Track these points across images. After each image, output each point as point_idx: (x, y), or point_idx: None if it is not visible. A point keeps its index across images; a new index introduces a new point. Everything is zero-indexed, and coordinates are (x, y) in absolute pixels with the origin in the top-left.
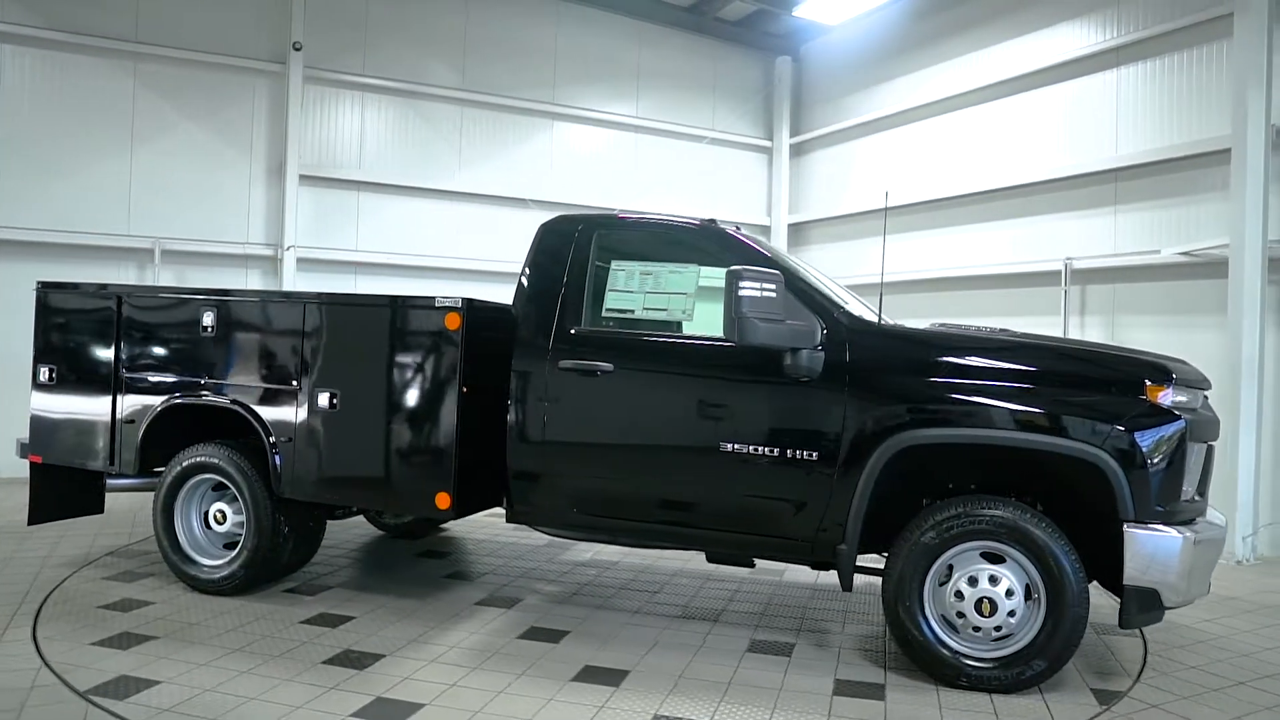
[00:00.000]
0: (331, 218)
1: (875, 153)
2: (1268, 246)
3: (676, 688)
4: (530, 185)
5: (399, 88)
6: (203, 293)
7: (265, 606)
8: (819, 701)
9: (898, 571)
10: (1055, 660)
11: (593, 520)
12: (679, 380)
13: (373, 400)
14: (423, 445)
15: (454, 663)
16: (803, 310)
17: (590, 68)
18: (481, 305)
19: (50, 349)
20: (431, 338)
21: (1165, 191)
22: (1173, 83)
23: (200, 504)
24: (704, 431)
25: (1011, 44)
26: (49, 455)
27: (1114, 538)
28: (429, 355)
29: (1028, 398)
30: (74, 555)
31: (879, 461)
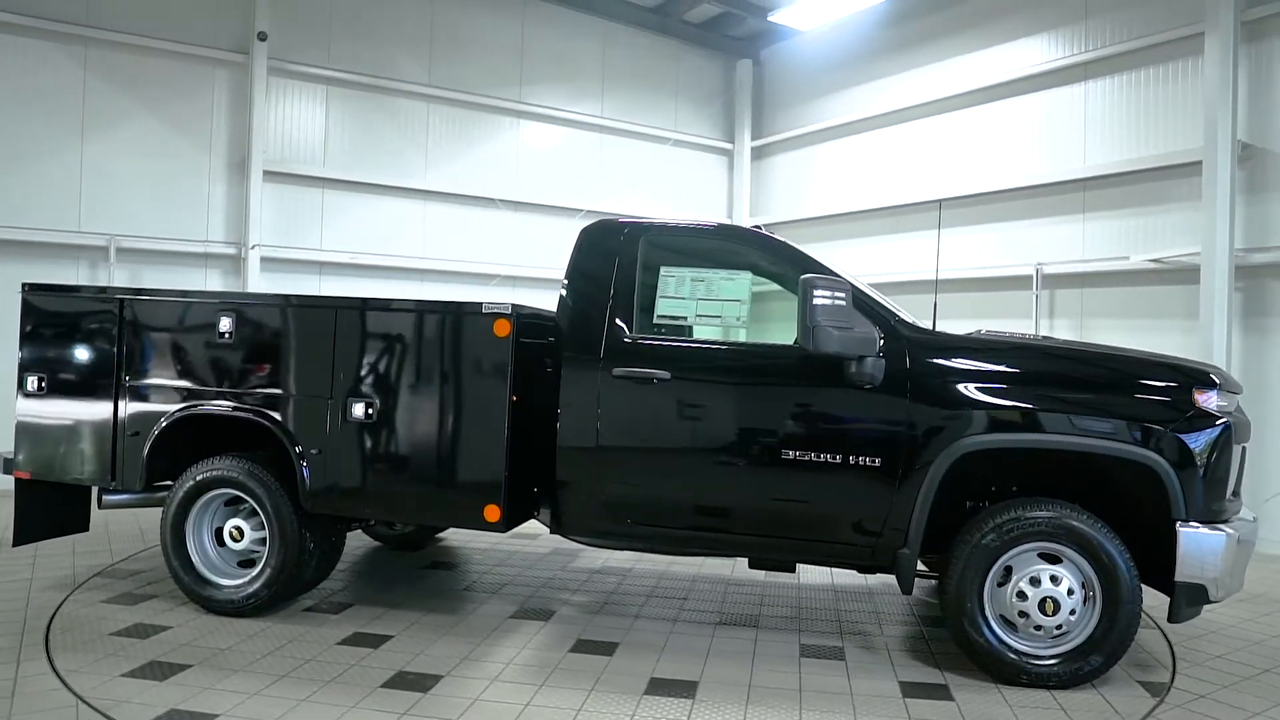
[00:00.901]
0: (295, 216)
1: (838, 157)
2: (1234, 255)
3: (752, 698)
4: (497, 185)
5: (364, 82)
6: (220, 297)
7: (293, 627)
8: (894, 705)
9: (959, 573)
10: (1111, 655)
11: (647, 530)
12: (739, 388)
13: (415, 410)
14: (471, 456)
15: (517, 680)
16: (861, 318)
17: (556, 66)
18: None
19: (39, 356)
20: (479, 345)
21: (1132, 201)
22: (1140, 97)
23: (212, 520)
24: (765, 439)
25: (980, 55)
26: (38, 470)
27: (1159, 537)
28: (477, 363)
29: (1083, 403)
30: (59, 577)
31: (942, 466)
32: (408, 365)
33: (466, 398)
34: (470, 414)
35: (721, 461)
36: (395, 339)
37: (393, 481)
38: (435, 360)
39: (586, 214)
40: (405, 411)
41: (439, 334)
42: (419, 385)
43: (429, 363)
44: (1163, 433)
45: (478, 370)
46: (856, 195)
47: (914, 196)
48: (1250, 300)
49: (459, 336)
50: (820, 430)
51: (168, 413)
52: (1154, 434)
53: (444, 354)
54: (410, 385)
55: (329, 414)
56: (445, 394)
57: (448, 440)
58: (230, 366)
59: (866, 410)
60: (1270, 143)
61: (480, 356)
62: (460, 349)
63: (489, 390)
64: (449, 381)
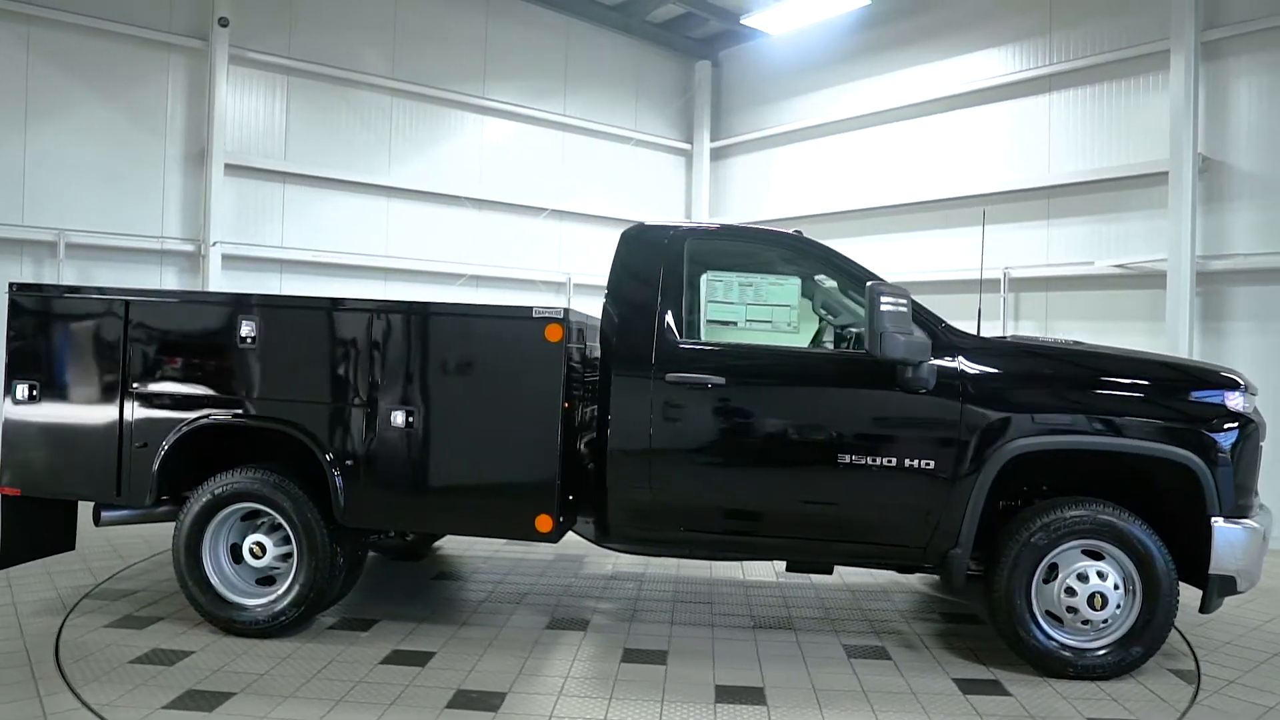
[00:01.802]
0: (255, 212)
1: (799, 160)
2: (1195, 262)
3: (822, 701)
4: (461, 182)
5: (326, 73)
6: (240, 299)
7: (326, 647)
8: (957, 702)
9: (1008, 571)
10: (1151, 646)
11: (699, 536)
12: (795, 393)
13: (460, 418)
14: (522, 465)
15: (582, 694)
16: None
17: (520, 62)
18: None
19: (28, 362)
20: (530, 350)
21: (1095, 208)
22: (1103, 110)
23: (228, 537)
24: (821, 444)
25: (945, 64)
26: (29, 486)
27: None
28: (528, 369)
29: (1126, 406)
30: (44, 600)
31: (994, 468)
32: (452, 371)
33: (517, 405)
34: (521, 421)
35: (777, 466)
36: (439, 344)
37: (436, 492)
38: (482, 366)
39: (550, 213)
40: (450, 419)
41: (487, 339)
42: (465, 392)
43: (475, 368)
44: (1199, 433)
45: (529, 376)
46: (818, 198)
47: (877, 201)
48: (1208, 305)
49: (508, 341)
50: (876, 434)
51: (182, 422)
52: (1191, 435)
53: (492, 359)
54: (455, 392)
55: (365, 422)
56: (493, 401)
57: (497, 449)
58: (253, 373)
59: (921, 414)
60: (1227, 156)
61: (531, 362)
62: (510, 354)
63: (541, 397)
64: (497, 388)
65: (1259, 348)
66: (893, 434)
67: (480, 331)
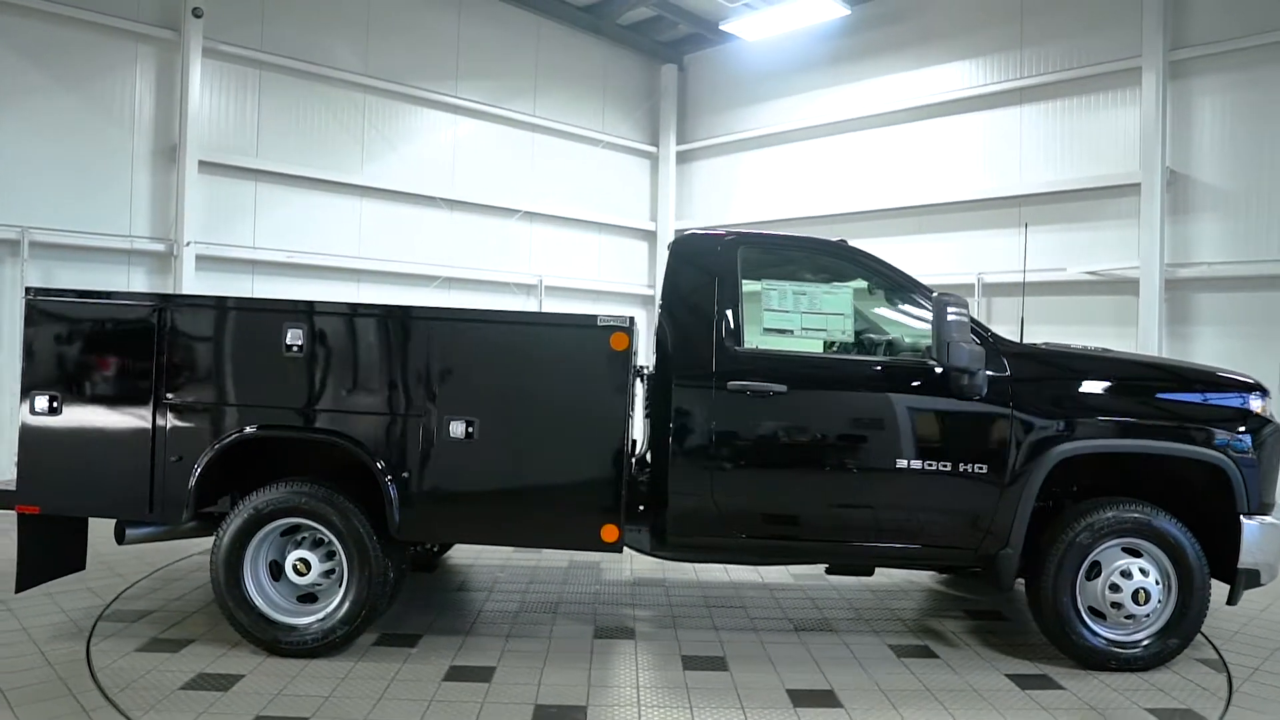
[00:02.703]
0: (226, 211)
1: (767, 165)
2: (1165, 269)
3: (895, 701)
4: (434, 182)
5: (299, 68)
6: (288, 305)
7: (381, 665)
8: (1019, 697)
9: (1055, 570)
10: (1187, 637)
11: (757, 542)
12: (854, 400)
13: (523, 427)
14: (588, 475)
15: (662, 704)
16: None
17: (491, 62)
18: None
19: (49, 371)
20: (595, 359)
21: (1066, 217)
22: (1073, 122)
23: (267, 553)
24: (880, 450)
25: (917, 74)
26: (49, 504)
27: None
28: (593, 377)
29: (1162, 409)
30: (55, 623)
31: (1043, 470)
32: (515, 380)
33: (582, 414)
34: (587, 431)
35: (838, 472)
36: (501, 352)
37: (498, 504)
38: (546, 375)
39: (523, 215)
40: (513, 429)
41: (551, 347)
42: (528, 401)
43: (538, 377)
44: (1229, 436)
45: (594, 385)
46: (787, 203)
47: (849, 206)
48: (1175, 310)
49: (573, 350)
50: (933, 440)
51: (224, 434)
52: (1222, 437)
53: (556, 368)
54: (518, 401)
55: (423, 433)
56: (558, 410)
57: (561, 459)
58: (301, 382)
59: (973, 420)
60: (1191, 170)
61: (597, 371)
62: (575, 363)
63: (606, 406)
64: (562, 397)
65: (1221, 351)
66: (948, 440)
67: (544, 340)
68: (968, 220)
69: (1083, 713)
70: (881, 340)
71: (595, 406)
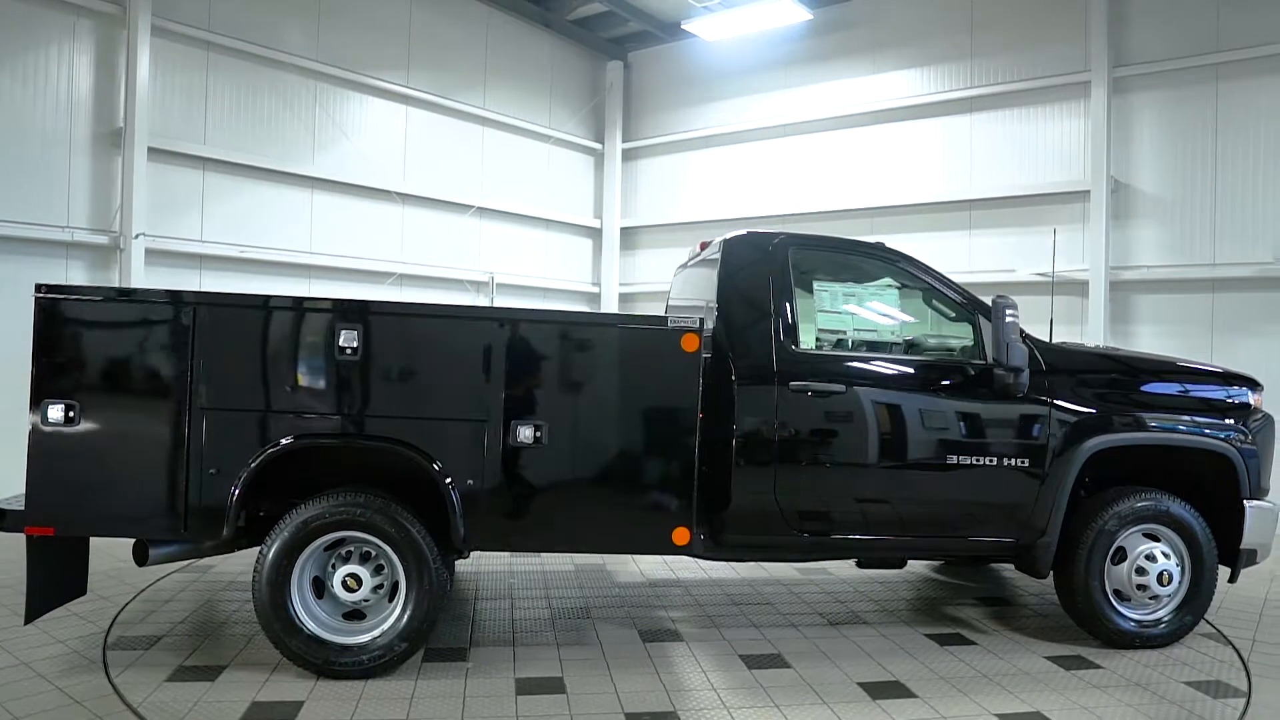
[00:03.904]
0: (172, 201)
1: (715, 164)
2: (1110, 272)
3: (965, 689)
4: (386, 175)
5: (249, 50)
6: (342, 305)
7: (444, 683)
8: (1067, 678)
9: (1085, 557)
10: (1199, 613)
11: (815, 540)
12: (907, 399)
13: (593, 431)
14: (661, 479)
15: (746, 704)
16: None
17: (442, 52)
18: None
19: (65, 379)
20: (666, 360)
21: (1012, 221)
22: (1021, 131)
23: (310, 570)
24: (932, 447)
25: (870, 80)
26: (65, 525)
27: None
28: (664, 379)
29: (1180, 404)
30: (57, 655)
31: (1078, 463)
32: (583, 383)
33: (653, 416)
34: (657, 433)
35: (893, 468)
36: (569, 354)
37: (567, 510)
38: (615, 377)
39: (476, 211)
40: (582, 433)
41: (620, 349)
42: (597, 404)
43: (608, 380)
44: (1233, 427)
45: (665, 387)
46: (736, 203)
47: (799, 208)
48: (1117, 309)
49: (643, 352)
50: (982, 436)
51: (270, 443)
52: (1229, 429)
53: (626, 370)
54: (587, 404)
55: (488, 439)
56: (628, 413)
57: (632, 462)
58: (355, 387)
59: (1015, 416)
60: (1131, 179)
61: (667, 373)
62: (645, 365)
63: (678, 408)
64: (632, 399)
65: (1157, 349)
66: (995, 435)
67: (613, 342)
68: (919, 222)
69: (1131, 689)
70: (923, 340)
71: (666, 408)
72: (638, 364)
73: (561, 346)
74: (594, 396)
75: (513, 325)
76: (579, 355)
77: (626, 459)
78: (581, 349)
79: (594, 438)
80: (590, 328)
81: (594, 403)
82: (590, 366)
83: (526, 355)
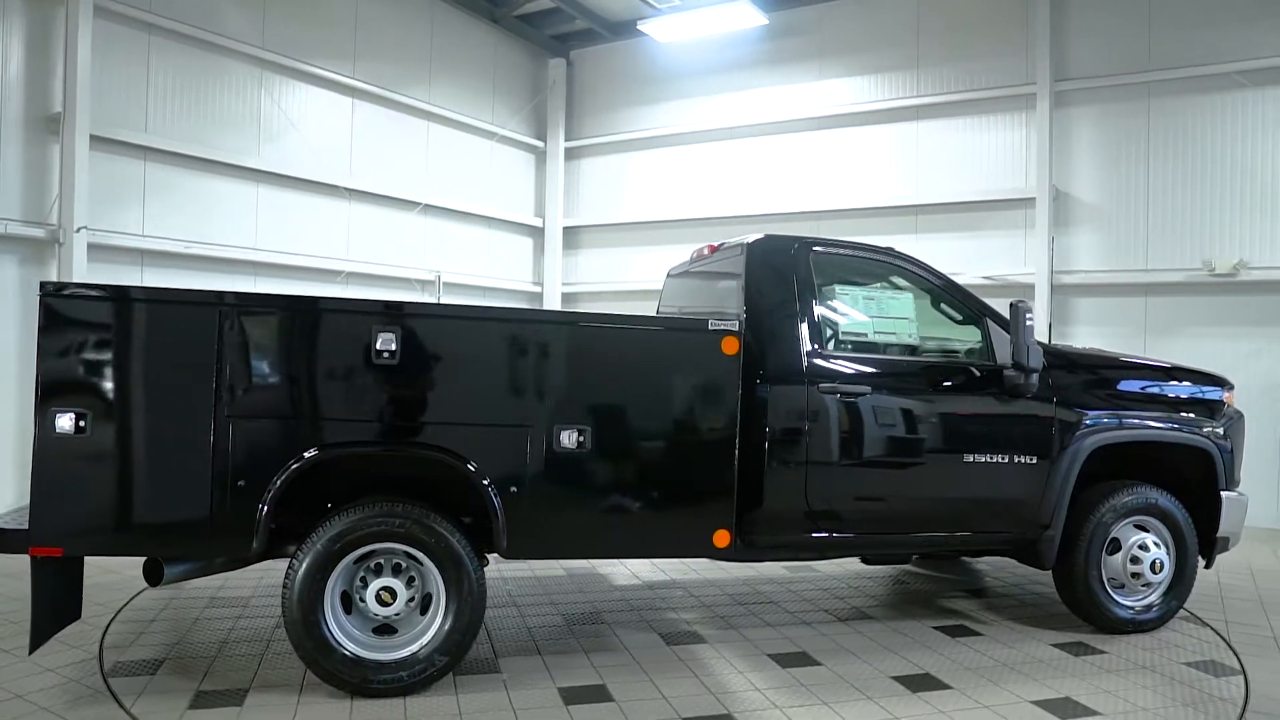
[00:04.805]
0: (110, 192)
1: (660, 165)
2: (1053, 275)
3: (987, 677)
4: (333, 169)
5: (191, 34)
6: (379, 305)
7: (484, 696)
8: (1078, 664)
9: (1085, 549)
10: (1183, 597)
11: (840, 539)
12: (928, 399)
13: (635, 435)
14: (702, 481)
15: (795, 704)
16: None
17: (389, 44)
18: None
19: (74, 385)
20: (706, 363)
21: (958, 226)
22: (967, 140)
23: (339, 585)
24: (951, 446)
25: (817, 85)
26: (74, 544)
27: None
28: (704, 382)
29: (1169, 403)
30: (55, 685)
31: (1080, 459)
32: (624, 386)
33: (693, 419)
34: (698, 436)
35: (916, 468)
36: (611, 357)
37: (611, 515)
38: (656, 380)
39: (424, 208)
40: (624, 437)
41: (661, 352)
42: (638, 408)
43: (649, 383)
44: (1214, 425)
45: (706, 390)
46: (681, 204)
47: (745, 210)
48: (1059, 311)
49: (684, 355)
50: (997, 435)
51: (303, 452)
52: (1209, 425)
53: (667, 373)
54: (628, 408)
55: (530, 445)
56: (669, 416)
57: (674, 466)
58: (393, 392)
59: (1025, 416)
60: (1070, 188)
61: (707, 375)
62: (686, 367)
63: (718, 411)
64: (672, 403)
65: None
66: (1009, 434)
67: (654, 344)
68: (865, 226)
69: (1140, 672)
70: (935, 342)
71: (707, 411)
72: (679, 367)
73: (603, 350)
74: (635, 400)
75: (555, 328)
76: (621, 358)
77: (669, 462)
78: (623, 352)
79: (635, 441)
80: (632, 331)
81: (636, 407)
82: (631, 369)
83: (568, 358)
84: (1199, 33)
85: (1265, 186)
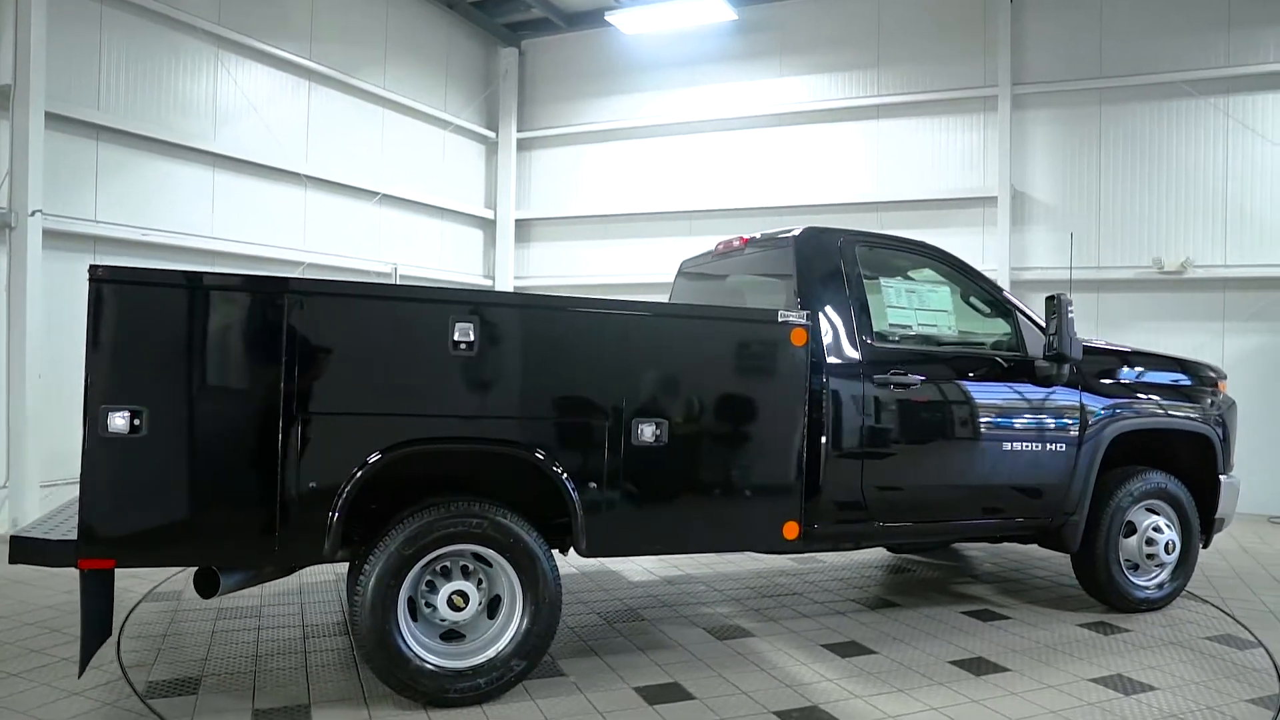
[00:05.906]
0: (60, 174)
1: (614, 158)
2: (1012, 272)
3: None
4: (289, 154)
5: (147, 6)
6: (457, 295)
7: (565, 701)
8: (1109, 642)
9: (1105, 533)
10: (1188, 577)
11: (890, 528)
12: (972, 389)
13: (708, 428)
14: (771, 474)
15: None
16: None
17: (344, 26)
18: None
19: (129, 381)
20: (776, 355)
21: (918, 223)
22: (927, 139)
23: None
24: (994, 434)
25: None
26: (128, 555)
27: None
28: (775, 374)
29: (1179, 392)
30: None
31: (1103, 446)
32: (698, 378)
33: (764, 411)
34: (769, 428)
35: (965, 456)
36: (685, 349)
37: (686, 509)
38: (729, 372)
39: (382, 199)
40: (698, 430)
41: (732, 344)
42: (711, 400)
43: (722, 375)
44: (1213, 412)
45: (776, 382)
46: (636, 197)
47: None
48: None
49: (755, 346)
50: (1035, 423)
51: (379, 449)
52: (1209, 413)
53: (738, 365)
54: (702, 400)
55: (608, 439)
56: (740, 408)
57: (747, 458)
58: (470, 385)
59: (1055, 404)
60: (1027, 188)
61: (778, 367)
62: (757, 360)
63: (787, 402)
64: (744, 395)
65: None
66: (1043, 423)
67: (725, 336)
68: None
69: (1170, 648)
70: (972, 332)
71: (777, 403)
72: (750, 359)
73: (678, 342)
74: (707, 392)
75: (630, 319)
76: (694, 350)
77: (741, 455)
78: (695, 344)
79: (709, 434)
80: (704, 322)
81: (709, 399)
82: (704, 362)
83: (644, 350)
84: (1148, 43)
85: (1210, 190)
